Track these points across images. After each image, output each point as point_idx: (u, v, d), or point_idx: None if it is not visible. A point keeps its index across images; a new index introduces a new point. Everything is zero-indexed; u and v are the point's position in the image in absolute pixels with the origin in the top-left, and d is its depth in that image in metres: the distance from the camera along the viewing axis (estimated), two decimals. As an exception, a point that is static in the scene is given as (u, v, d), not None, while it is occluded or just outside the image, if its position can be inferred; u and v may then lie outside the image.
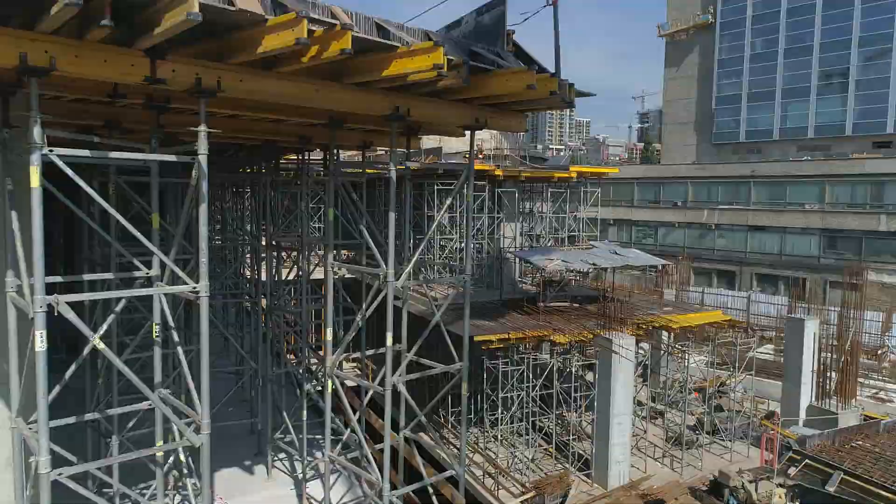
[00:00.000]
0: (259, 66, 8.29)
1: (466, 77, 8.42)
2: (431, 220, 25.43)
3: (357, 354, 37.80)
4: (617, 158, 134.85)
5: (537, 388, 22.16)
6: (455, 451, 23.59)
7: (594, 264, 23.67)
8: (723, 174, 52.95)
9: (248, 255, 25.14)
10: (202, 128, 8.28)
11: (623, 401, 21.10)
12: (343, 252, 40.49)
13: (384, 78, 8.61)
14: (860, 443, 16.01)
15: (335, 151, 12.10)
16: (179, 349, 9.58)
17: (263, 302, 21.01)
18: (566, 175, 26.44)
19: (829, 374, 22.50)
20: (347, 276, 37.80)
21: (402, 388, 14.34)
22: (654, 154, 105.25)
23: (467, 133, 11.37)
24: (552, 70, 8.89)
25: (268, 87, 8.56)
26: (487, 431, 23.64)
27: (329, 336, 14.67)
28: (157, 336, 9.61)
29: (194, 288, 8.50)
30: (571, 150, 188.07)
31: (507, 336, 20.91)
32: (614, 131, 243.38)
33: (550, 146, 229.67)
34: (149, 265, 9.74)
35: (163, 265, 9.21)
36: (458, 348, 24.93)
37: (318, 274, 22.01)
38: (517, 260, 26.92)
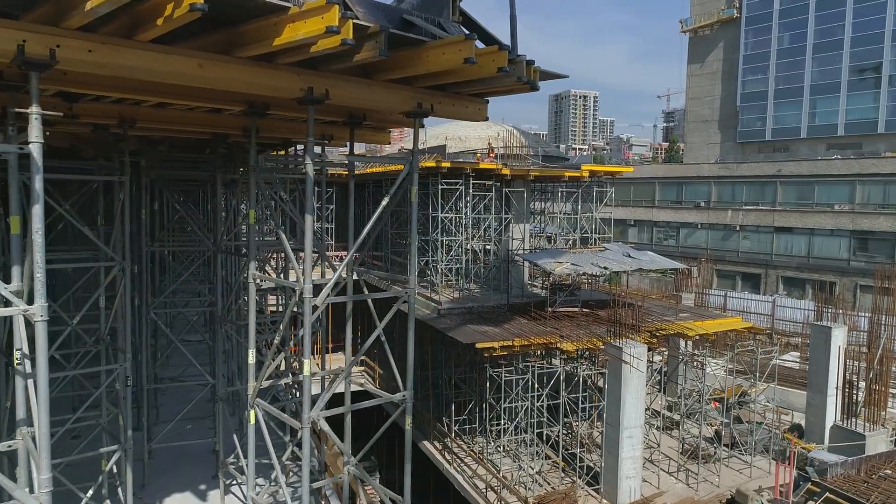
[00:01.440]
0: (118, 33, 6.59)
1: (384, 48, 6.75)
2: (436, 222, 24.50)
3: (363, 358, 37.18)
4: (638, 158, 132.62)
5: (543, 397, 21.07)
6: (459, 461, 22.63)
7: (605, 268, 22.51)
8: (748, 173, 51.21)
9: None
10: (34, 109, 6.59)
11: (634, 412, 19.93)
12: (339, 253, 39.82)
13: (284, 49, 7.00)
14: (889, 472, 14.46)
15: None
16: (29, 381, 7.40)
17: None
18: (577, 174, 25.31)
19: (856, 388, 20.90)
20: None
21: (325, 425, 11.13)
22: (678, 153, 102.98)
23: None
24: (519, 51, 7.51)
25: (124, 60, 6.63)
26: (492, 441, 22.63)
27: (251, 359, 11.92)
28: (17, 363, 7.67)
29: (25, 309, 6.81)
30: (595, 150, 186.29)
31: (510, 343, 19.88)
32: (639, 131, 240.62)
33: (574, 146, 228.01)
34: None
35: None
36: (457, 354, 24.11)
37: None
38: (526, 262, 25.87)
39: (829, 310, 27.18)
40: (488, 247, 26.67)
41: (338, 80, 8.23)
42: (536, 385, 20.90)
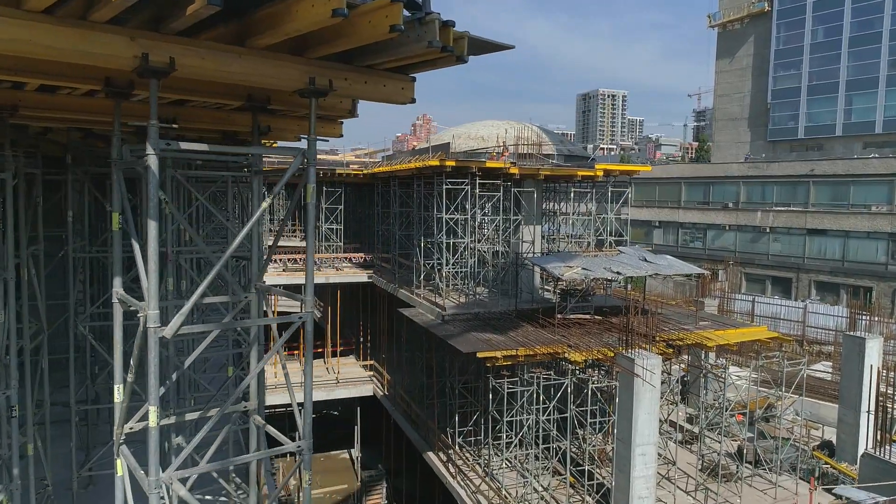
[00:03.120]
0: None
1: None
2: (441, 223, 23.40)
3: (371, 362, 36.19)
4: (664, 158, 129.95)
5: (550, 410, 19.83)
6: (462, 474, 21.52)
7: (618, 272, 21.17)
8: (779, 173, 49.14)
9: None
10: None
11: (647, 429, 18.56)
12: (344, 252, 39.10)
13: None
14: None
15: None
16: None
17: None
18: (591, 173, 23.96)
19: (893, 407, 19.07)
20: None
21: (182, 490, 7.86)
22: (707, 153, 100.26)
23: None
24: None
25: None
26: (497, 455, 21.44)
27: (117, 396, 8.30)
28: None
29: None
30: (623, 150, 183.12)
31: (514, 353, 18.70)
32: (669, 130, 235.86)
33: (602, 145, 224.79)
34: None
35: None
36: (462, 362, 22.69)
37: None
38: (536, 266, 24.62)
39: (864, 318, 25.38)
40: (497, 249, 25.46)
41: (188, 46, 6.45)
42: (542, 397, 19.67)
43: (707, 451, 22.95)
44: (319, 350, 38.82)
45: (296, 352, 38.01)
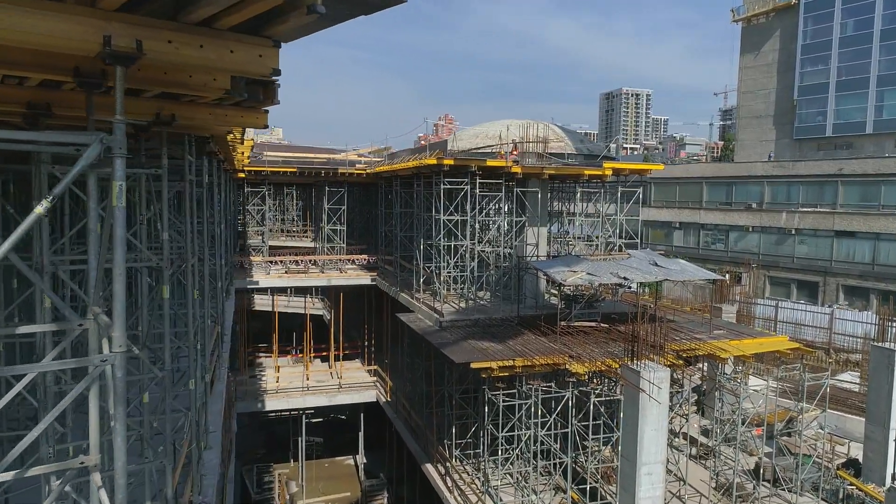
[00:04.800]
0: None
1: None
2: (438, 224, 22.31)
3: (374, 367, 35.16)
4: (685, 157, 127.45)
5: (550, 424, 18.63)
6: (458, 489, 20.41)
7: (625, 277, 19.88)
8: (805, 172, 47.14)
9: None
10: None
11: (654, 446, 17.27)
12: (350, 253, 37.89)
13: None
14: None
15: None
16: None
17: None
18: (599, 172, 22.65)
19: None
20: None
21: None
22: (733, 152, 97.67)
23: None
24: None
25: None
26: (496, 469, 20.27)
27: None
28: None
29: None
30: (647, 150, 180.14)
31: (511, 363, 17.55)
32: (694, 129, 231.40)
33: (625, 145, 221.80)
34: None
35: None
36: (460, 371, 21.24)
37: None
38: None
39: (895, 326, 23.66)
40: (500, 252, 24.27)
41: None
42: (542, 410, 18.48)
43: (723, 466, 21.58)
44: (325, 353, 38.05)
45: (300, 354, 37.33)
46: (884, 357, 20.31)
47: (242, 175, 32.99)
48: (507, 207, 22.95)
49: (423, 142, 42.84)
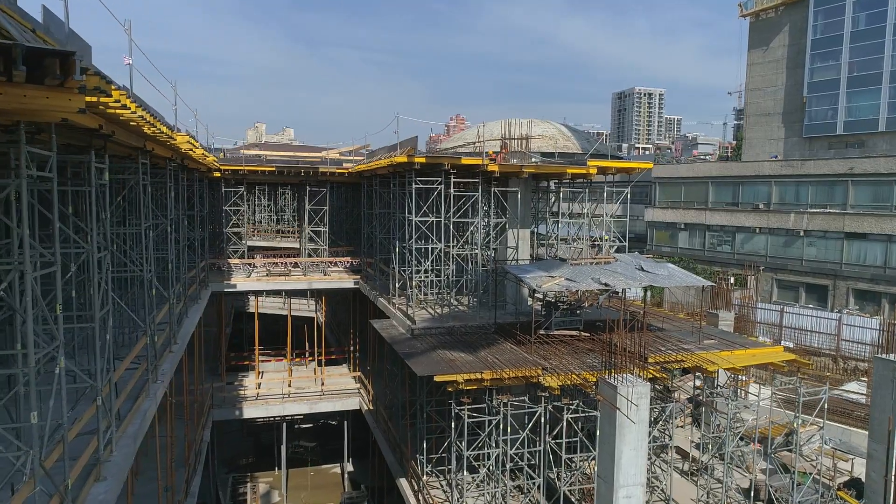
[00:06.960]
0: None
1: None
2: (410, 225, 21.05)
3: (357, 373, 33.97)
4: (692, 157, 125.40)
5: (524, 441, 17.35)
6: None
7: (606, 284, 18.54)
8: (814, 172, 45.41)
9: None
10: None
11: (633, 468, 15.90)
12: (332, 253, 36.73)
13: None
14: None
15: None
16: None
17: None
18: (583, 171, 21.28)
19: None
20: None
21: None
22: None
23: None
24: None
25: None
26: (465, 488, 18.97)
27: None
28: None
29: None
30: (659, 149, 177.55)
31: (478, 375, 16.29)
32: (707, 129, 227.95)
33: (637, 145, 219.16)
34: None
35: None
36: (430, 383, 19.89)
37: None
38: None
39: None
40: (479, 254, 22.97)
41: None
42: (513, 427, 17.19)
43: (716, 485, 20.18)
44: (310, 358, 36.97)
45: (283, 358, 36.26)
46: (888, 370, 18.76)
47: (217, 175, 32.00)
48: (485, 208, 21.65)
49: (441, 143, 41.53)
